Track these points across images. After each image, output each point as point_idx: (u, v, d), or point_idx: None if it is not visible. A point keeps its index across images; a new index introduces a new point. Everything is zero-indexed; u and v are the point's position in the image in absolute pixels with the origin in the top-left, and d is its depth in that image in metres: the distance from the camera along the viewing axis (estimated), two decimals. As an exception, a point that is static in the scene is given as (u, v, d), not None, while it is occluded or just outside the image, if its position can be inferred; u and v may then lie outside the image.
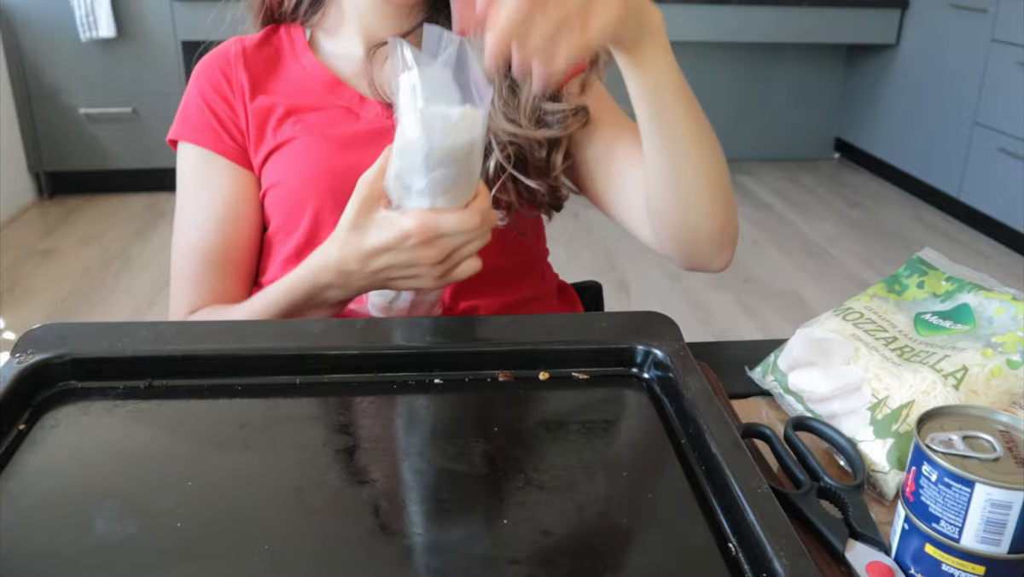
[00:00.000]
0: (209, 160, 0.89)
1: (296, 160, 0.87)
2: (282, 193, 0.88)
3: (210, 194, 0.89)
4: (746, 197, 3.69)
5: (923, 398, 0.62)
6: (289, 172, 0.87)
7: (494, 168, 0.83)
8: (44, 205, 3.34)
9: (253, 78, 0.90)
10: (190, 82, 0.93)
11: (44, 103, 3.27)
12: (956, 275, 0.73)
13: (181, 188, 0.91)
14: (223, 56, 0.92)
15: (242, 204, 0.89)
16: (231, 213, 0.89)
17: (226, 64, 0.91)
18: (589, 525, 0.53)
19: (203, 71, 0.92)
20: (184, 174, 0.91)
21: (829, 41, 3.90)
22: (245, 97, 0.89)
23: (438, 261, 0.69)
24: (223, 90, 0.90)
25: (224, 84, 0.90)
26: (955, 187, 3.41)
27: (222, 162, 0.89)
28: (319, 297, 0.77)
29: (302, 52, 0.92)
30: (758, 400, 0.73)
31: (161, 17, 3.21)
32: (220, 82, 0.90)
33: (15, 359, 0.63)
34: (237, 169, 0.89)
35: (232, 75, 0.90)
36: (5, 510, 0.52)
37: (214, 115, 0.89)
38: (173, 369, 0.66)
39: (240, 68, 0.90)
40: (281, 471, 0.56)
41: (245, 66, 0.90)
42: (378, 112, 0.89)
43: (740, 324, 2.60)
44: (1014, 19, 3.08)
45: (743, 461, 0.55)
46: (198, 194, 0.89)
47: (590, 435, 0.61)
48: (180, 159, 0.92)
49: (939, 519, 0.50)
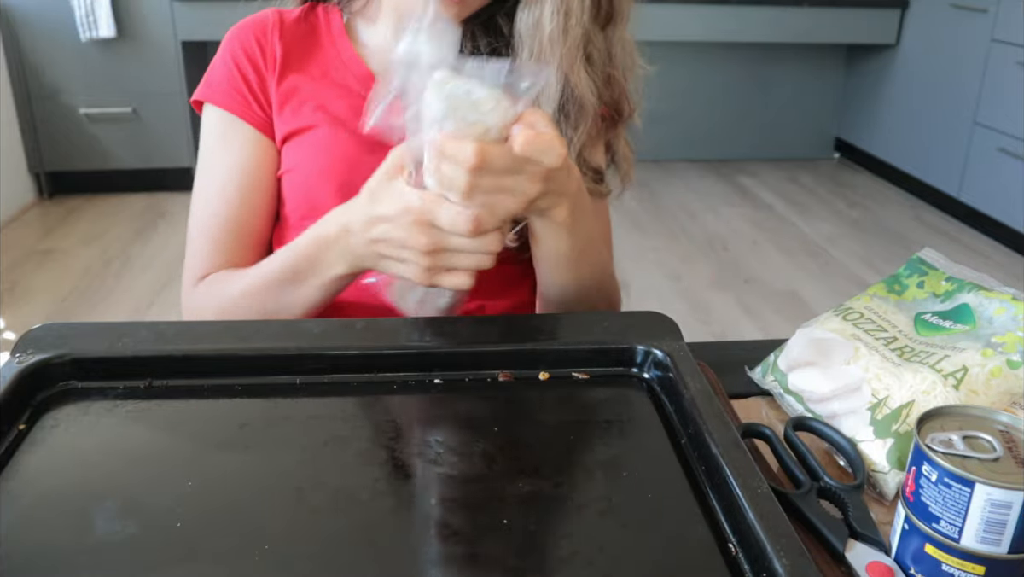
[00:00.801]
0: (234, 125, 0.88)
1: (315, 149, 0.87)
2: (297, 180, 0.87)
3: (234, 160, 0.88)
4: (746, 197, 3.69)
5: (923, 398, 0.62)
6: (307, 160, 0.87)
7: None
8: (44, 205, 3.34)
9: (287, 52, 0.89)
10: (222, 44, 0.91)
11: (44, 103, 3.27)
12: (956, 275, 0.73)
13: (205, 151, 0.90)
14: (260, 23, 0.90)
15: (264, 174, 0.88)
16: (254, 182, 0.88)
17: (262, 32, 0.89)
18: (589, 525, 0.53)
19: (237, 35, 0.90)
20: (208, 136, 0.90)
21: (829, 41, 3.90)
22: (276, 69, 0.88)
23: (427, 251, 0.66)
24: (255, 57, 0.88)
25: (257, 52, 0.89)
26: (955, 187, 3.41)
27: (247, 129, 0.88)
28: (321, 259, 0.75)
29: (339, 37, 0.90)
30: (758, 400, 0.73)
31: (161, 17, 3.21)
32: (253, 49, 0.89)
33: (15, 359, 0.63)
34: (262, 138, 0.88)
35: (267, 44, 0.89)
36: (5, 510, 0.52)
37: (244, 80, 0.88)
38: (173, 369, 0.65)
39: (276, 39, 0.89)
40: (281, 471, 0.56)
41: (281, 38, 0.89)
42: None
43: (740, 324, 2.60)
44: (1014, 19, 3.08)
45: (743, 461, 0.55)
46: (222, 159, 0.88)
47: (590, 435, 0.61)
48: (204, 121, 0.90)
49: (939, 519, 0.50)
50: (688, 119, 4.03)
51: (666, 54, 3.88)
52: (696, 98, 4.02)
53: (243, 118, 0.88)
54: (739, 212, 3.52)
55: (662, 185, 3.76)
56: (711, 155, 4.15)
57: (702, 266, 2.98)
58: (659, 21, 3.53)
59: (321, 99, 0.88)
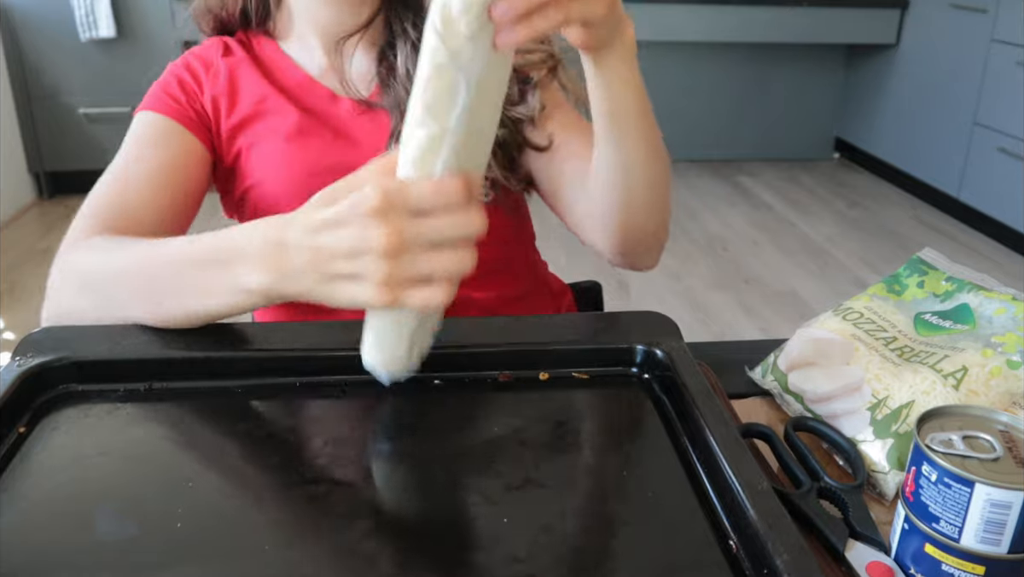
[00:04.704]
0: (171, 127, 0.86)
1: (272, 160, 0.88)
2: (260, 194, 0.88)
3: (166, 156, 0.84)
4: (746, 197, 3.69)
5: (923, 398, 0.62)
6: (268, 173, 0.88)
7: None
8: (44, 205, 3.34)
9: (231, 70, 0.90)
10: (166, 69, 0.92)
11: (44, 103, 3.27)
12: (956, 275, 0.73)
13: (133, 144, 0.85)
14: (206, 50, 0.93)
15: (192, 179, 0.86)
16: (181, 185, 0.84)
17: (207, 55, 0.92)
18: (589, 524, 0.53)
19: (183, 60, 0.92)
20: (139, 135, 0.86)
21: (829, 41, 3.90)
22: (221, 85, 0.89)
23: (387, 250, 0.52)
24: (199, 75, 0.90)
25: (201, 70, 0.90)
26: (955, 187, 3.41)
27: (184, 132, 0.87)
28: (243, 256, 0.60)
29: (273, 53, 0.93)
30: (758, 400, 0.73)
31: (161, 17, 3.21)
32: (198, 68, 0.90)
33: (15, 362, 0.63)
34: (196, 143, 0.87)
35: (212, 65, 0.91)
36: (6, 512, 0.52)
37: (183, 91, 0.88)
38: (173, 371, 0.65)
39: (219, 59, 0.91)
40: (281, 471, 0.56)
41: (223, 55, 0.91)
42: (350, 109, 0.90)
43: (740, 324, 2.60)
44: (1014, 19, 3.08)
45: (743, 459, 0.55)
46: (151, 152, 0.84)
47: (590, 435, 0.61)
48: (136, 124, 0.87)
49: (939, 519, 0.50)
50: (688, 119, 4.03)
51: (666, 54, 3.89)
52: (696, 98, 4.02)
53: (181, 122, 0.86)
54: (739, 212, 3.52)
55: (662, 185, 3.76)
56: (711, 155, 4.15)
57: (702, 266, 2.98)
58: (659, 21, 3.53)
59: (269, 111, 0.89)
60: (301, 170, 0.87)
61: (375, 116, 0.89)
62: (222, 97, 0.89)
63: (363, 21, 0.88)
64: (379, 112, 0.89)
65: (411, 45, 0.86)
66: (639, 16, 0.88)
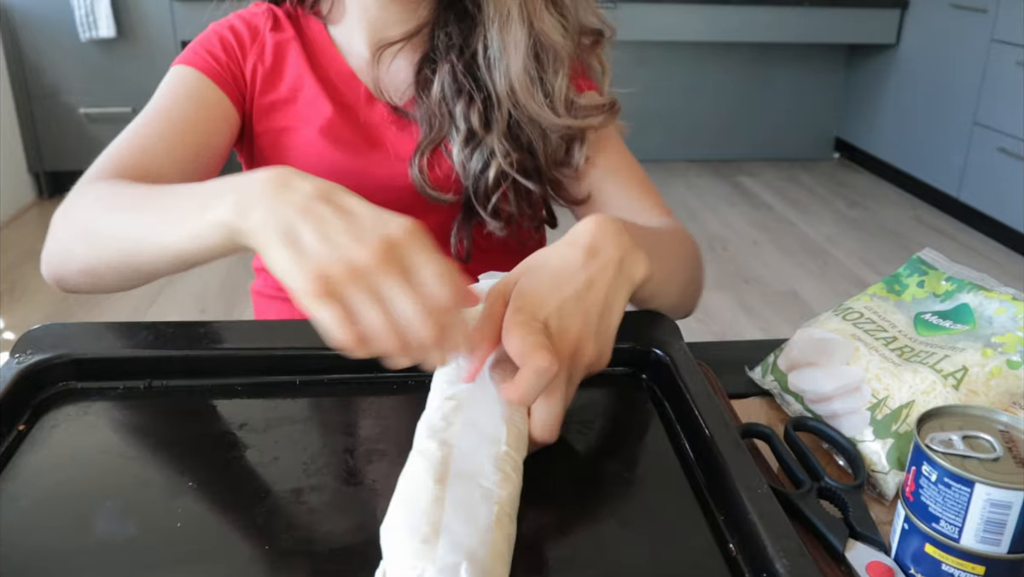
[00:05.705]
0: (205, 84, 0.85)
1: (302, 149, 0.87)
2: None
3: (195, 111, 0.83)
4: (746, 197, 3.69)
5: (923, 398, 0.62)
6: (295, 160, 0.87)
7: (494, 176, 0.83)
8: (44, 205, 3.34)
9: (278, 47, 0.89)
10: (208, 27, 0.90)
11: (44, 103, 3.27)
12: (956, 275, 0.73)
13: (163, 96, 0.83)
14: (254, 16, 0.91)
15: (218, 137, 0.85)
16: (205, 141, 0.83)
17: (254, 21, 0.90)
18: (589, 525, 0.53)
19: (228, 21, 0.90)
20: (172, 88, 0.84)
21: (829, 41, 3.90)
22: (265, 60, 0.88)
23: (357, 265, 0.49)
24: (244, 39, 0.89)
25: (247, 35, 0.89)
26: (955, 187, 3.41)
27: (217, 91, 0.85)
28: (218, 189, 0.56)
29: (320, 36, 0.91)
30: (758, 400, 0.73)
31: (161, 17, 3.21)
32: (243, 32, 0.89)
33: (15, 359, 0.63)
34: (228, 103, 0.86)
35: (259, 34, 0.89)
36: (5, 510, 0.52)
37: (224, 50, 0.87)
38: (173, 369, 0.65)
39: (267, 31, 0.89)
40: (281, 471, 0.56)
41: (272, 28, 0.90)
42: (383, 114, 0.89)
43: (740, 324, 2.60)
44: (1014, 19, 3.08)
45: (743, 461, 0.55)
46: (181, 105, 0.83)
47: (590, 435, 0.61)
48: (170, 76, 0.85)
49: (939, 519, 0.50)
50: (688, 119, 4.03)
51: (666, 54, 3.89)
52: (696, 98, 4.02)
53: (219, 85, 0.85)
54: (739, 212, 3.52)
55: (662, 185, 3.74)
56: (711, 155, 4.15)
57: (702, 266, 2.98)
58: (659, 21, 3.53)
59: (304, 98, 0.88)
60: (329, 166, 0.85)
61: (405, 125, 0.88)
62: (265, 72, 0.88)
63: (410, 30, 0.88)
64: (409, 122, 0.88)
65: (449, 67, 0.84)
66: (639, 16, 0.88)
